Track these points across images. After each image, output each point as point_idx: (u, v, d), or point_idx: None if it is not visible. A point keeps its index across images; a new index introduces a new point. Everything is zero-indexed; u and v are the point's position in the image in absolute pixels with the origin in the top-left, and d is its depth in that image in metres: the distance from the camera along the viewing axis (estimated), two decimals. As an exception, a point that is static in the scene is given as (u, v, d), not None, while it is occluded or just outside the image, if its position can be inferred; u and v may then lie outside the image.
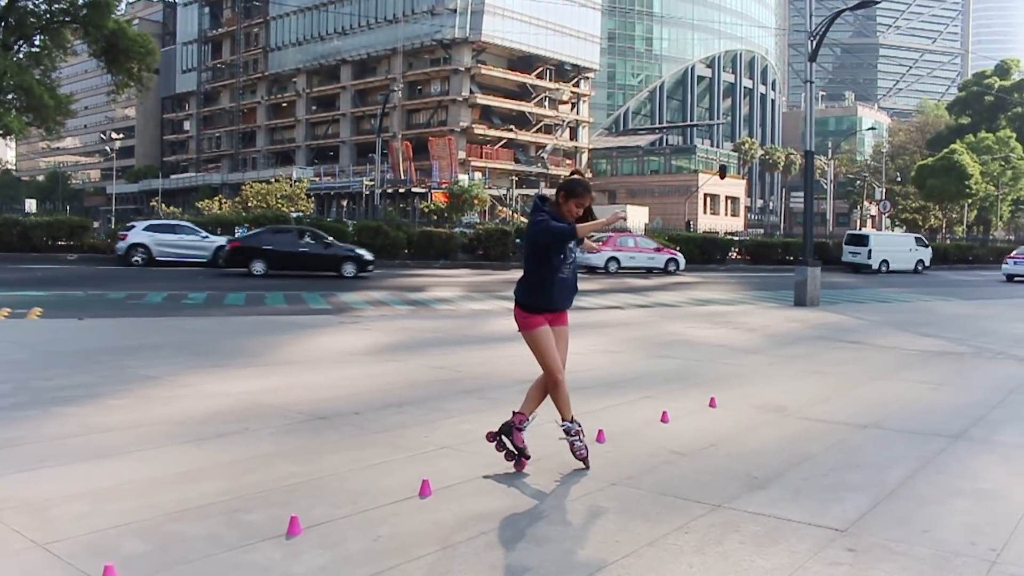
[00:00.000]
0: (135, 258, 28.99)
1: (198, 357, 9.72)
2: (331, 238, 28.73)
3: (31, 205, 76.50)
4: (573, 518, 4.33)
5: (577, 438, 5.18)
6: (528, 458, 5.18)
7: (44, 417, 6.46)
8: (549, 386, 5.18)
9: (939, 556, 3.87)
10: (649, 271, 35.20)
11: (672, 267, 35.31)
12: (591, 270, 32.51)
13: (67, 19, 44.97)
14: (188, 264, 29.21)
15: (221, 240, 29.95)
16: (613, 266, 33.50)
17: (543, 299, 5.10)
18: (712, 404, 7.19)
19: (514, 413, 5.23)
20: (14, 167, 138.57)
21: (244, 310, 16.61)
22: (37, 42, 46.30)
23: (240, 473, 4.99)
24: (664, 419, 6.55)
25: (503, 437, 5.22)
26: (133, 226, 31.17)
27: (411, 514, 4.29)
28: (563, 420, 5.19)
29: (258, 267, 26.16)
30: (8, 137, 48.80)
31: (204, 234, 30.54)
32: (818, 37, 20.47)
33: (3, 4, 43.27)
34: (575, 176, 5.19)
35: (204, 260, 29.35)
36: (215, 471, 5.04)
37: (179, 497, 4.52)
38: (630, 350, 10.99)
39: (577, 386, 8.04)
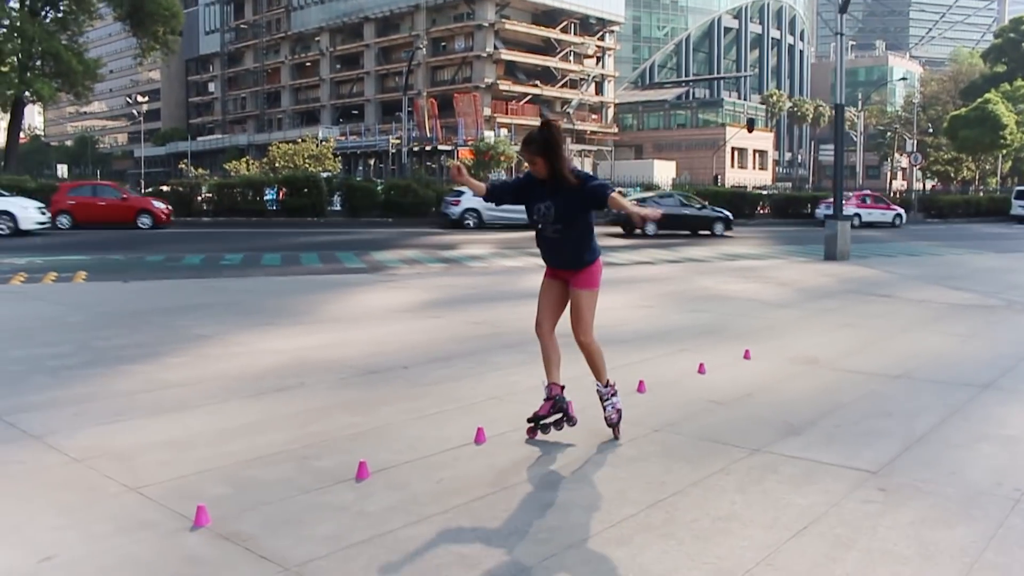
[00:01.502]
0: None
1: (246, 316, 10.07)
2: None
3: (63, 170, 77.32)
4: (620, 461, 4.61)
5: (550, 409, 5.00)
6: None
7: (111, 375, 6.82)
8: None
9: (966, 495, 4.12)
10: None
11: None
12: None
13: (93, -17, 45.24)
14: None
15: None
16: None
17: (540, 253, 5.09)
18: (747, 356, 7.44)
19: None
20: (43, 133, 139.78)
21: (281, 270, 16.98)
22: (63, 7, 46.59)
23: (303, 424, 5.31)
24: (701, 370, 6.81)
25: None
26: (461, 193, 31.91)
27: (468, 459, 4.61)
28: (546, 379, 5.06)
29: None
30: (39, 103, 49.38)
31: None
32: (849, -12, 20.26)
33: (30, -30, 43.57)
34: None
35: None
36: (280, 422, 5.38)
37: (250, 446, 4.85)
38: (663, 305, 11.22)
39: (615, 340, 8.33)
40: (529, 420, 4.96)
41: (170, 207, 30.17)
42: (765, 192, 52.27)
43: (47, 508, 3.94)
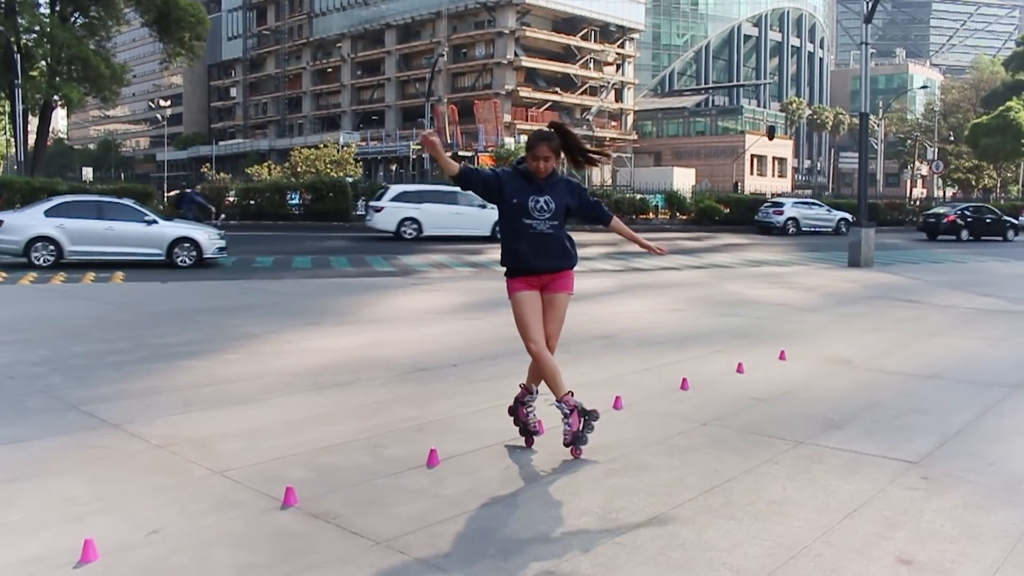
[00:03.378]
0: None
1: (290, 316, 10.39)
2: None
3: (88, 173, 78.14)
4: (675, 451, 4.87)
5: (567, 422, 4.72)
6: (536, 433, 4.96)
7: (172, 370, 7.14)
8: (531, 357, 4.85)
9: (1005, 483, 4.37)
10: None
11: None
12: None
13: (120, -12, 45.90)
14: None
15: None
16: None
17: (513, 258, 4.77)
18: (782, 357, 7.68)
19: (520, 386, 5.04)
20: (66, 136, 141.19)
21: (313, 273, 17.33)
22: (92, 13, 47.33)
23: (367, 416, 5.60)
24: (740, 370, 7.05)
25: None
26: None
27: (530, 449, 4.89)
28: (555, 399, 4.77)
29: None
30: (67, 107, 50.13)
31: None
32: (874, -2, 20.47)
33: (60, -24, 44.27)
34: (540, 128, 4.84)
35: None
36: (344, 414, 5.67)
37: (321, 436, 5.14)
38: (694, 308, 11.46)
39: (652, 341, 8.61)
40: (567, 443, 4.73)
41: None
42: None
43: (142, 488, 4.24)
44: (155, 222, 18.02)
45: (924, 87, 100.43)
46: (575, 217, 4.90)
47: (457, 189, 7.01)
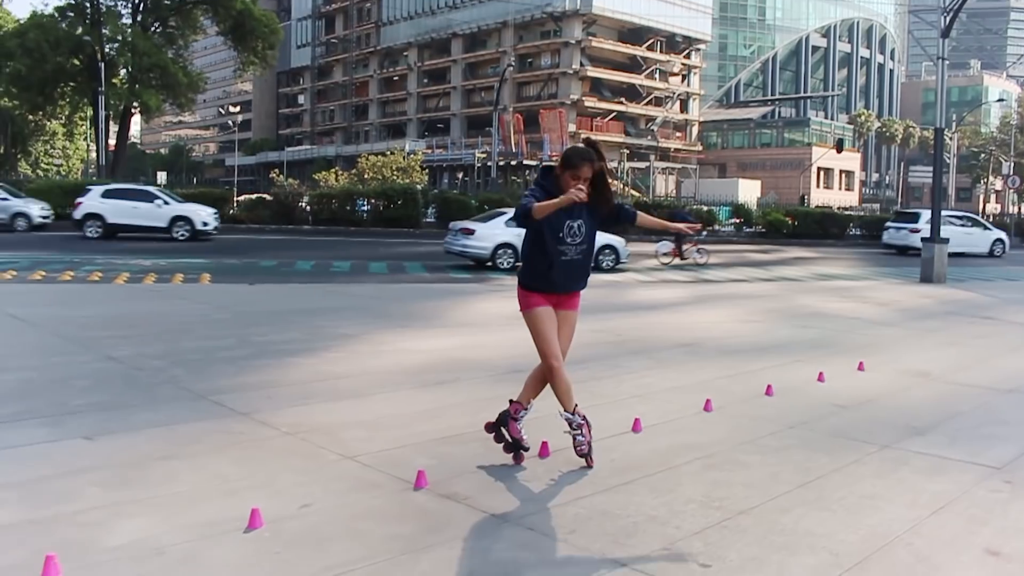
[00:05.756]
0: None
1: (379, 319, 10.91)
2: None
3: (162, 177, 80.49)
4: (766, 450, 5.22)
5: (580, 432, 4.77)
6: (526, 450, 4.93)
7: (281, 366, 7.66)
8: (546, 373, 4.84)
9: (1086, 489, 4.63)
10: None
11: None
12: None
13: (198, 0, 47.46)
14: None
15: None
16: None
17: (540, 280, 4.76)
18: (861, 368, 7.94)
19: (511, 402, 4.97)
20: (139, 141, 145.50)
21: (391, 278, 17.90)
22: (171, 23, 49.03)
23: (473, 412, 6.02)
24: (820, 379, 7.35)
25: (501, 428, 4.99)
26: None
27: (631, 444, 5.28)
28: (564, 411, 4.81)
29: None
30: (145, 114, 52.00)
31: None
32: (952, 12, 20.41)
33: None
34: (576, 145, 4.76)
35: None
36: (452, 410, 6.11)
37: (434, 428, 5.59)
38: (768, 320, 11.72)
39: (732, 350, 8.92)
40: (584, 454, 4.80)
41: None
42: (852, 213, 51.69)
43: (283, 469, 4.72)
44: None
45: (1001, 100, 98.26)
46: (601, 228, 4.88)
47: None
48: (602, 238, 20.73)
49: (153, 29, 48.44)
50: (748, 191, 65.57)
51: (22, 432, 5.22)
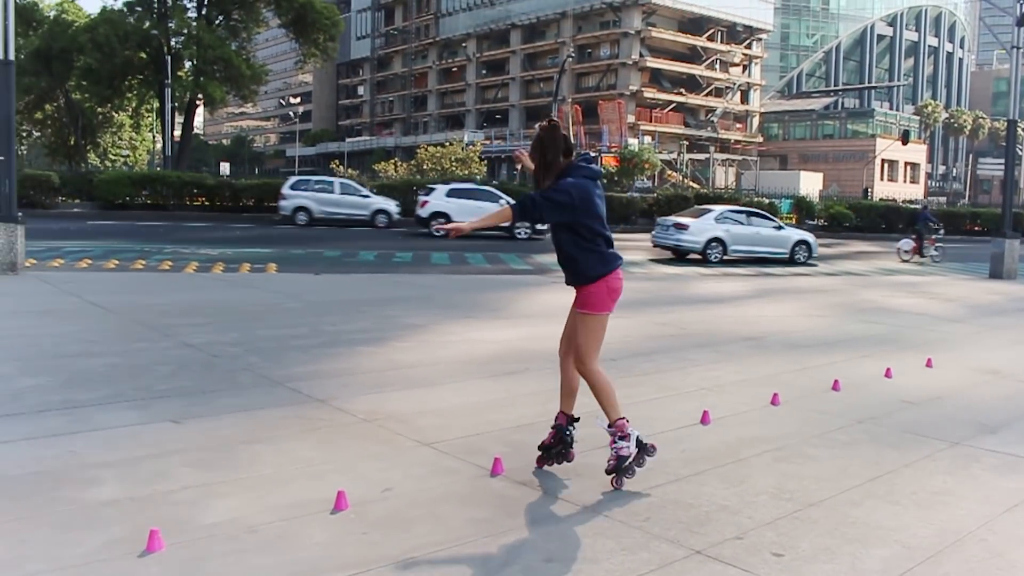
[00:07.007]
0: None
1: (445, 310, 11.09)
2: None
3: (225, 168, 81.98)
4: (835, 444, 5.27)
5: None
6: (654, 448, 4.59)
7: (353, 355, 7.88)
8: (586, 374, 4.68)
9: None
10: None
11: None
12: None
13: (262, -6, 48.32)
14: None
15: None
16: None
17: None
18: (928, 364, 7.90)
19: (607, 427, 4.57)
20: (201, 132, 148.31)
21: (453, 269, 18.11)
22: (235, 17, 49.93)
23: (543, 402, 6.14)
24: (888, 375, 7.34)
25: (628, 470, 4.46)
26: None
27: (701, 436, 5.37)
28: (565, 412, 4.84)
29: None
30: (209, 105, 53.11)
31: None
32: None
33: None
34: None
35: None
36: (522, 399, 6.25)
37: (506, 417, 5.73)
38: (834, 315, 11.66)
39: (798, 344, 8.93)
40: (539, 448, 4.79)
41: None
42: (919, 207, 50.64)
43: (363, 454, 4.90)
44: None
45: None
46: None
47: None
48: (796, 234, 23.11)
49: (217, 22, 49.39)
50: (810, 183, 64.52)
51: (113, 414, 5.49)
